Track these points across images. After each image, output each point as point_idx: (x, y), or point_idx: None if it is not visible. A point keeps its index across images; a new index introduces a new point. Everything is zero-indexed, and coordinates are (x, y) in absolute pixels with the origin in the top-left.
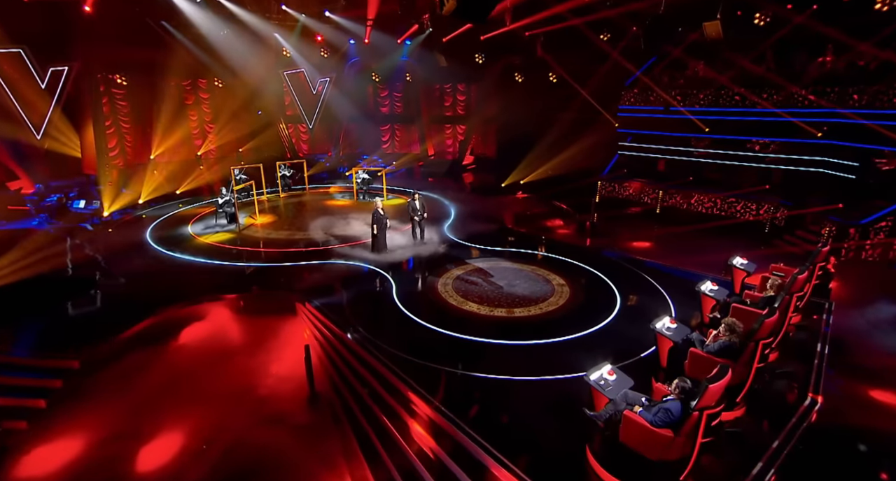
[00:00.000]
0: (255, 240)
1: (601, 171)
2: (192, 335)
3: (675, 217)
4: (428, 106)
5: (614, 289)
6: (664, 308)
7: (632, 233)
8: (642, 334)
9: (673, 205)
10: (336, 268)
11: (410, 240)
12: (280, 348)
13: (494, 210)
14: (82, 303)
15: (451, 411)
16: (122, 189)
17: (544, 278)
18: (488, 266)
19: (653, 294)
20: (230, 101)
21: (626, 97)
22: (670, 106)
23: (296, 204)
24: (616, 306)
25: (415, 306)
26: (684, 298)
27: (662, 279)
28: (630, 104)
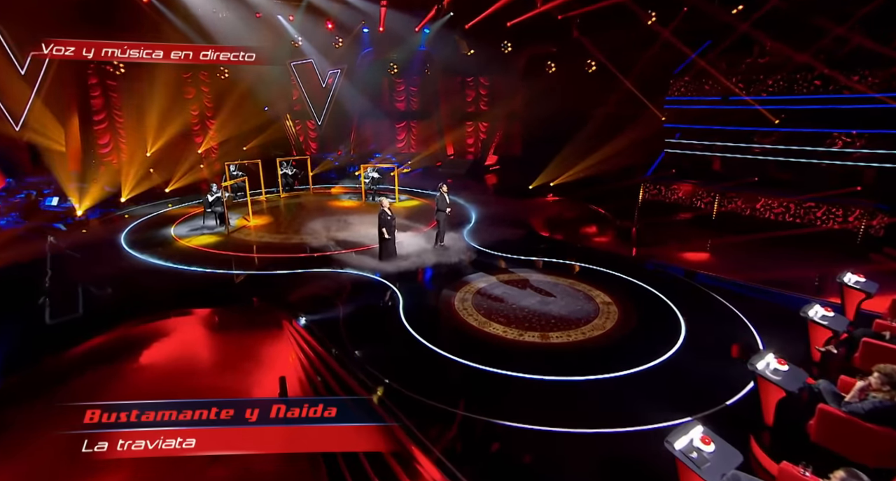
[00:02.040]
0: (244, 244)
1: (644, 172)
2: (151, 357)
3: (736, 224)
4: (447, 100)
5: (676, 311)
6: (746, 337)
7: (683, 242)
8: (722, 372)
9: (732, 211)
10: (335, 278)
11: (429, 244)
12: (259, 375)
13: (522, 214)
14: (24, 314)
15: (465, 476)
16: (106, 187)
17: (585, 294)
18: (517, 278)
19: (727, 318)
20: (234, 95)
21: (674, 87)
22: (730, 95)
23: (296, 205)
24: (681, 333)
25: (425, 326)
26: (772, 326)
27: (736, 299)
28: (680, 95)
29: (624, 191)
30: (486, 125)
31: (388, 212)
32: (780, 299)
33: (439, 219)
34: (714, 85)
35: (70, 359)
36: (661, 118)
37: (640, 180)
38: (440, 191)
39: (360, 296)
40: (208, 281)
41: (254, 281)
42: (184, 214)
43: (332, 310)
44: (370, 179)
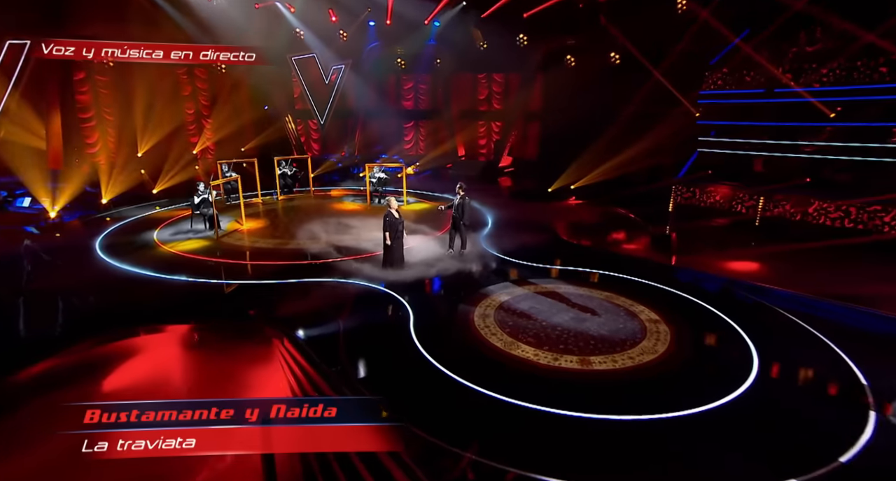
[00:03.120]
0: (235, 250)
1: (673, 173)
2: (116, 382)
3: (784, 231)
4: (458, 98)
5: (740, 332)
6: (840, 367)
7: (725, 249)
8: (819, 413)
9: (779, 216)
10: (335, 289)
11: (442, 250)
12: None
13: (543, 218)
14: None
15: None
16: (87, 187)
17: (627, 310)
18: (544, 290)
19: (808, 342)
20: (231, 92)
21: (710, 79)
22: (776, 86)
23: (295, 207)
24: (753, 360)
25: (440, 346)
26: (872, 354)
27: (812, 320)
28: (716, 88)
29: (653, 195)
30: (499, 124)
31: (394, 213)
32: (870, 320)
33: (455, 225)
34: (757, 76)
35: (10, 386)
36: (694, 114)
37: (672, 182)
38: (459, 197)
39: (363, 310)
40: (189, 291)
41: (243, 291)
42: (171, 217)
43: (330, 326)
44: (376, 180)
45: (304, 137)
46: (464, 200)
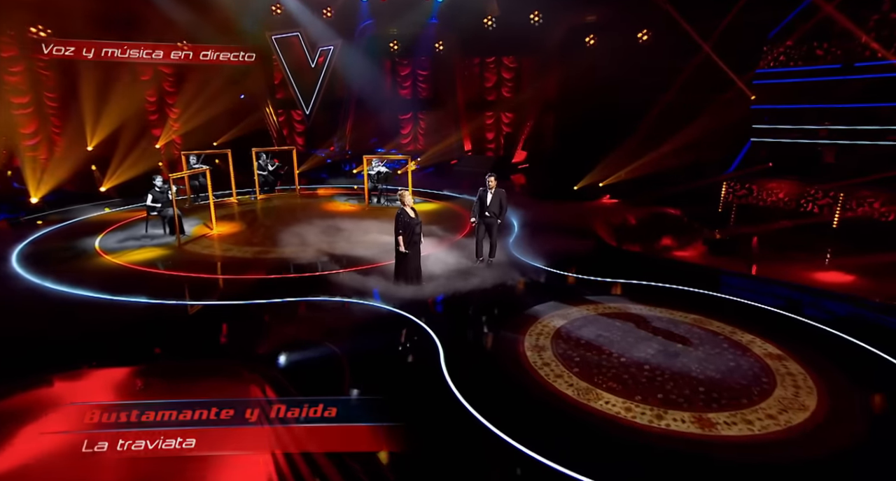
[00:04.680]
0: (202, 261)
1: (719, 169)
2: (15, 458)
3: (870, 235)
4: (463, 86)
5: None
6: None
7: (806, 256)
8: None
9: (865, 216)
10: (332, 311)
11: (464, 258)
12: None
13: (577, 220)
14: None
15: None
16: (15, 184)
17: (729, 340)
18: (609, 311)
19: None
20: (201, 77)
21: (768, 55)
22: (856, 60)
23: (277, 208)
24: None
25: (486, 396)
26: None
27: None
28: (777, 66)
29: (698, 192)
30: (510, 116)
31: (409, 211)
32: None
33: (488, 227)
34: (832, 48)
35: None
36: (749, 97)
37: (723, 178)
38: (491, 190)
39: (373, 341)
40: (133, 317)
41: (210, 316)
42: (123, 219)
43: (329, 365)
44: (376, 175)
45: (287, 130)
46: (499, 194)
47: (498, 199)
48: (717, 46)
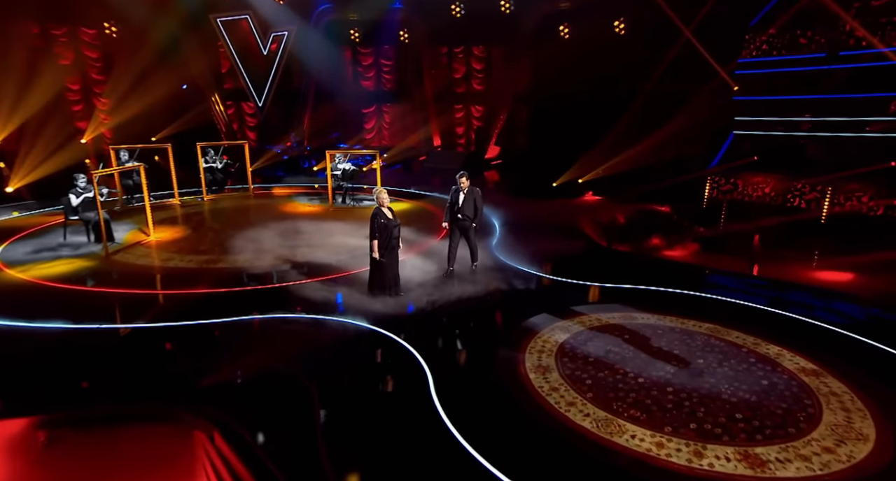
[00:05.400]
0: (135, 274)
1: (706, 162)
2: None
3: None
4: (431, 78)
5: None
6: None
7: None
8: None
9: (854, 211)
10: (299, 331)
11: (438, 267)
12: None
13: (562, 219)
14: None
15: None
16: None
17: (754, 353)
18: (613, 322)
19: None
20: (134, 63)
21: (750, 44)
22: (840, 49)
23: (228, 210)
24: None
25: (487, 433)
26: None
27: None
28: (759, 55)
29: (682, 188)
30: (481, 109)
31: (386, 212)
32: None
33: (463, 231)
34: (816, 37)
35: None
36: (731, 89)
37: (707, 173)
38: (463, 190)
39: (347, 366)
40: (44, 347)
41: (143, 342)
42: (36, 225)
43: (293, 400)
44: (340, 173)
45: (238, 124)
46: (473, 194)
47: (472, 200)
48: (697, 35)
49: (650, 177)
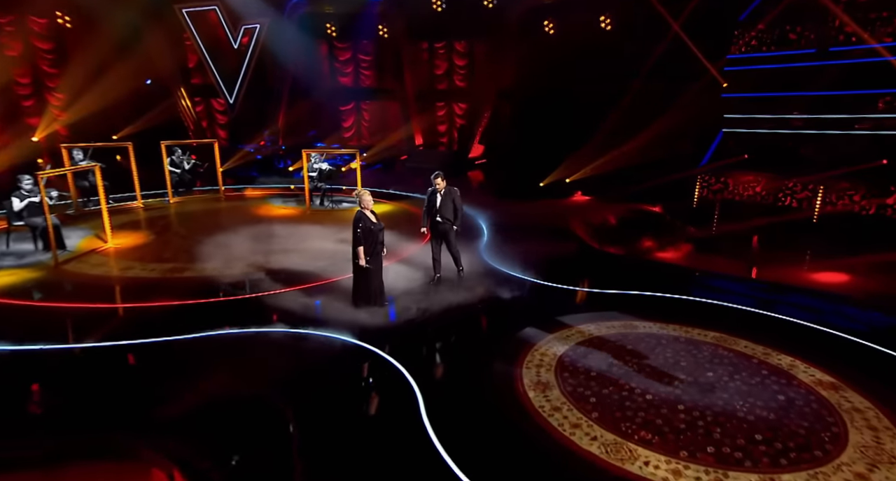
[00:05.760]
0: (91, 285)
1: (695, 160)
2: None
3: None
4: (412, 74)
5: None
6: None
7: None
8: None
9: (846, 211)
10: (272, 348)
11: (423, 274)
12: None
13: (552, 220)
14: None
15: None
16: None
17: (764, 364)
18: (614, 332)
19: None
20: (91, 55)
21: (739, 40)
22: (830, 45)
23: (196, 214)
24: None
25: (487, 462)
26: None
27: None
28: (748, 51)
29: (670, 187)
30: (464, 106)
31: (369, 216)
32: None
33: (443, 236)
34: (806, 32)
35: None
36: (720, 85)
37: (696, 171)
38: (439, 192)
39: (329, 387)
40: None
41: (97, 364)
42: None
43: (268, 427)
44: (317, 173)
45: (207, 121)
46: (451, 194)
47: (450, 201)
48: (685, 31)
49: (639, 177)
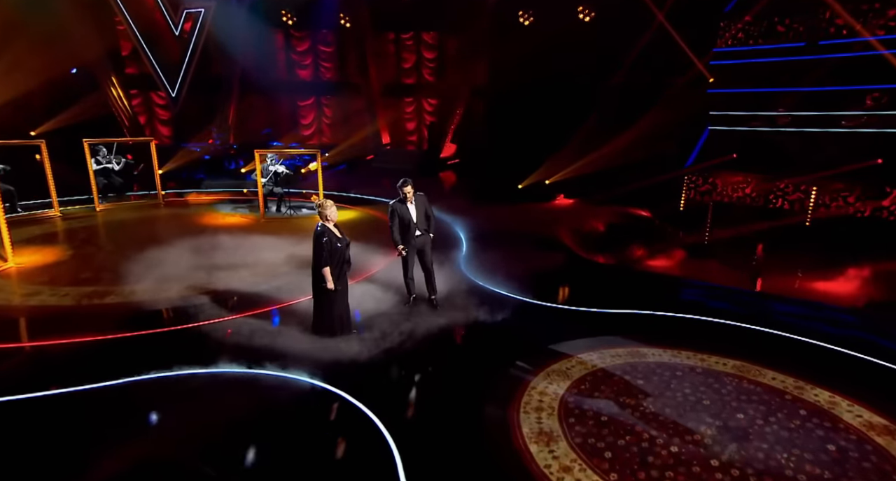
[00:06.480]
0: None
1: (681, 160)
2: None
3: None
4: (377, 67)
5: None
6: None
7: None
8: None
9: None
10: (209, 394)
11: (394, 293)
12: None
13: (536, 226)
14: None
15: None
16: None
17: (803, 403)
18: (619, 363)
19: None
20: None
21: (725, 32)
22: (819, 38)
23: (127, 223)
24: None
25: None
26: None
27: None
28: (735, 44)
29: (656, 189)
30: (433, 103)
31: (333, 229)
32: None
33: (420, 251)
34: (795, 24)
35: None
36: (707, 80)
37: (683, 172)
38: (409, 199)
39: (283, 444)
40: None
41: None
42: None
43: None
44: (273, 175)
45: (146, 117)
46: (422, 202)
47: (423, 210)
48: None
49: (623, 178)
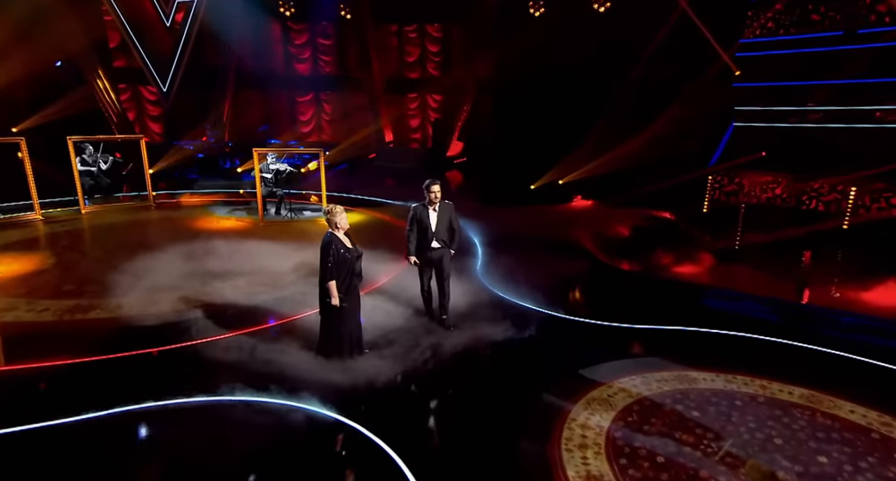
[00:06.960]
0: None
1: (705, 159)
2: None
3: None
4: (379, 61)
5: None
6: None
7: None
8: None
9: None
10: (205, 426)
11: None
12: None
13: (550, 230)
14: None
15: None
16: None
17: (893, 442)
18: (668, 390)
19: None
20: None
21: (753, 22)
22: (859, 26)
23: (115, 228)
24: None
25: None
26: None
27: None
28: (764, 34)
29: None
30: (438, 98)
31: (343, 239)
32: None
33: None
34: (830, 12)
35: None
36: (733, 73)
37: (707, 171)
38: (432, 206)
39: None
40: None
41: None
42: None
43: None
44: (273, 175)
45: (135, 113)
46: (448, 210)
47: (447, 220)
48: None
49: (641, 178)
